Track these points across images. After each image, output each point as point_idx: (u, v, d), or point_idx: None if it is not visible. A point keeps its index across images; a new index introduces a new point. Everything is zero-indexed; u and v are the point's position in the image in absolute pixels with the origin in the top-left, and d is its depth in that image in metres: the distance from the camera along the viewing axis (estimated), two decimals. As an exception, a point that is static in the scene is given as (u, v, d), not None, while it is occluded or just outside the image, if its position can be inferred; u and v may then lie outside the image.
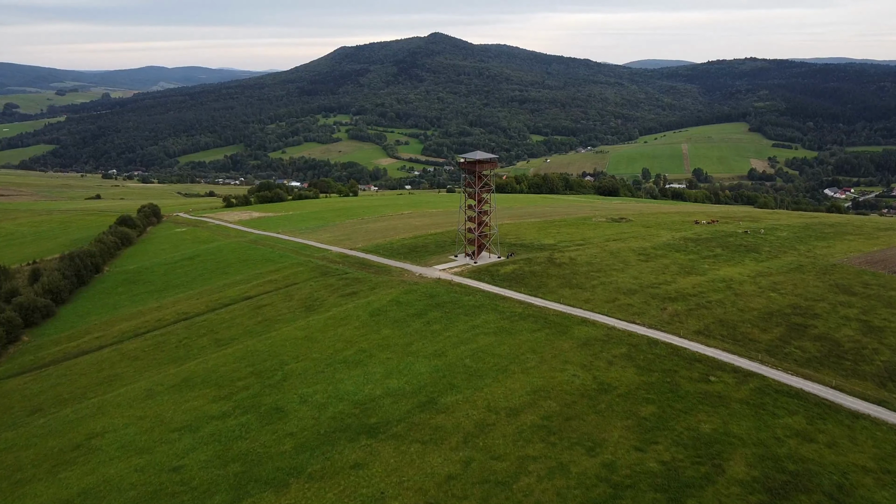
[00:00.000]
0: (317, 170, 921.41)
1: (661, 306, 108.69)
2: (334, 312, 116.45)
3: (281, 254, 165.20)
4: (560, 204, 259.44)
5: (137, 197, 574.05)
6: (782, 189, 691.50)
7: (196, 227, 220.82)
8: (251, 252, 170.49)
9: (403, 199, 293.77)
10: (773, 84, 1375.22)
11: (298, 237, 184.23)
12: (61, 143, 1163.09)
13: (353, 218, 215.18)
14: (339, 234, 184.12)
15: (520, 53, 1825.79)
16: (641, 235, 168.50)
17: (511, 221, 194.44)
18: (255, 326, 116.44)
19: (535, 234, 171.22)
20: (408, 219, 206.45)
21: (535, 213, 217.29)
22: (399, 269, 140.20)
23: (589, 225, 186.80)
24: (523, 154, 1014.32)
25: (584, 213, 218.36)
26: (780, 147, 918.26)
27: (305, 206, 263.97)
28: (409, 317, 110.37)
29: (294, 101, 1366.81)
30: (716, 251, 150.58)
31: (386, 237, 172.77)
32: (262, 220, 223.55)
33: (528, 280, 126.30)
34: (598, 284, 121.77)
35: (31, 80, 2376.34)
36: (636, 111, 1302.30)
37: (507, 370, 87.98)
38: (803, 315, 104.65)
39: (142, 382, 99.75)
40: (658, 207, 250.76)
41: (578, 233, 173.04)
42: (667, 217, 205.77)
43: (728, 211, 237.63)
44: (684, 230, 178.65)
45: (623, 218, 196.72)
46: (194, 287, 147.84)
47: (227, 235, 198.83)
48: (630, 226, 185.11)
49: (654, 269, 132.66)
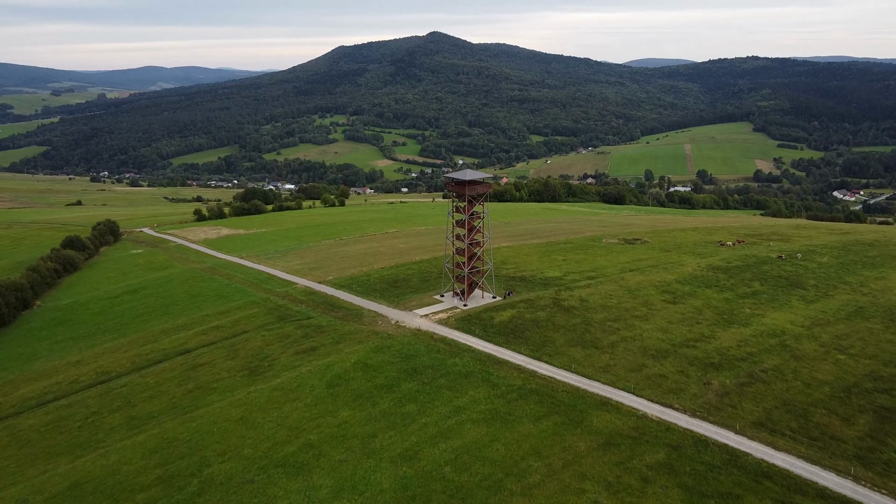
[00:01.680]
0: (312, 172, 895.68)
1: (703, 379, 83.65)
2: (284, 379, 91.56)
3: (237, 288, 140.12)
4: (564, 217, 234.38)
5: (121, 203, 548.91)
6: (790, 191, 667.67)
7: (155, 247, 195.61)
8: (204, 285, 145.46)
9: (392, 211, 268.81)
10: (776, 83, 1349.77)
11: (264, 264, 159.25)
12: (53, 144, 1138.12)
13: (330, 238, 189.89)
14: (310, 260, 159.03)
15: (519, 52, 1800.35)
16: (662, 263, 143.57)
17: (509, 244, 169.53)
18: (182, 398, 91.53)
19: (537, 263, 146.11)
20: (392, 240, 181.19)
21: (536, 231, 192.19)
22: (372, 314, 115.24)
23: (599, 249, 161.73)
24: (523, 155, 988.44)
25: (592, 230, 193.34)
26: (785, 147, 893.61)
27: (283, 220, 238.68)
28: (376, 389, 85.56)
29: (290, 101, 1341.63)
30: (753, 286, 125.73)
31: (363, 266, 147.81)
32: (229, 240, 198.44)
33: (529, 333, 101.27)
34: (618, 341, 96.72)
35: (29, 81, 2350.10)
36: (637, 111, 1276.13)
37: (502, 489, 63.21)
38: (889, 391, 79.89)
39: (16, 488, 74.90)
40: (673, 221, 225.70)
41: (588, 260, 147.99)
42: (686, 236, 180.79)
43: (751, 226, 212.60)
44: (710, 254, 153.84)
45: (638, 239, 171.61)
46: (127, 333, 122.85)
47: (185, 259, 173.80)
48: (647, 249, 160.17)
49: (686, 315, 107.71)
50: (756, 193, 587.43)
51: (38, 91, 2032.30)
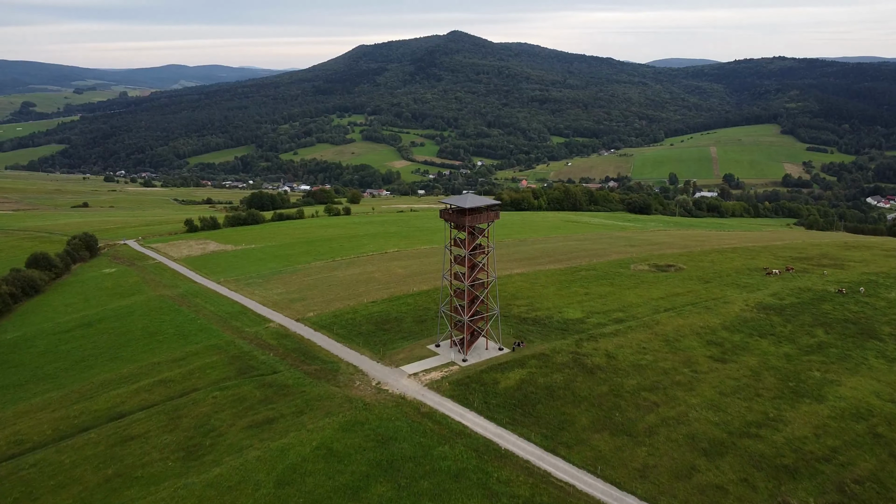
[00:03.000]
0: (328, 172, 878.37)
1: (776, 496, 61.71)
2: (225, 469, 70.92)
3: (203, 325, 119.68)
4: (586, 233, 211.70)
5: (128, 205, 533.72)
6: (821, 197, 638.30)
7: (131, 265, 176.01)
8: (167, 319, 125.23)
9: (397, 223, 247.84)
10: (804, 84, 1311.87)
11: (241, 292, 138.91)
12: (71, 143, 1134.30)
13: (322, 259, 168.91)
14: (294, 288, 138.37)
15: (541, 52, 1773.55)
16: (702, 300, 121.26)
17: (522, 270, 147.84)
18: (95, 490, 71.26)
19: (554, 298, 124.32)
20: (390, 262, 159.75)
21: (555, 252, 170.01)
22: (351, 370, 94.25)
23: (627, 278, 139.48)
24: (543, 157, 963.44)
25: (618, 251, 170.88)
26: (814, 151, 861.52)
27: (278, 233, 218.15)
28: (337, 494, 64.65)
29: (309, 100, 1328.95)
30: (817, 334, 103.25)
31: (352, 298, 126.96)
32: (213, 258, 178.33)
33: (542, 407, 79.72)
34: (657, 424, 74.85)
35: (54, 79, 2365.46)
36: (661, 112, 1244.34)
37: None
38: None
39: None
40: (707, 238, 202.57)
41: (615, 295, 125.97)
42: (725, 260, 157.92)
43: (795, 245, 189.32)
44: (756, 286, 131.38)
45: (671, 266, 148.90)
46: (64, 384, 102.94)
47: (158, 283, 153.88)
48: (682, 279, 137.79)
49: (740, 381, 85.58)
50: (786, 200, 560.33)
51: (62, 89, 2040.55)
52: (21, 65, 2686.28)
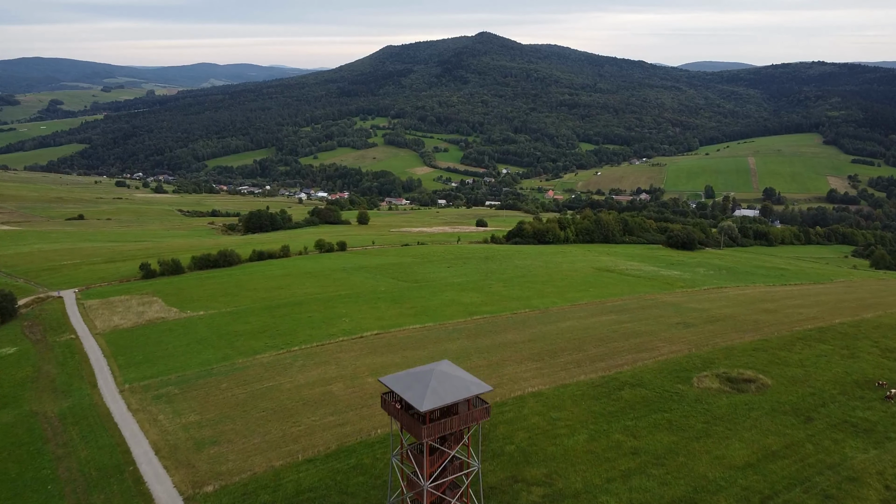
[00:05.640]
0: (347, 178, 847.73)
1: None
2: None
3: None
4: (626, 295, 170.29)
5: (130, 216, 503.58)
6: (871, 216, 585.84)
7: (38, 343, 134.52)
8: (11, 473, 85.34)
9: (399, 268, 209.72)
10: (845, 90, 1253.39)
11: (141, 414, 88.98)
12: (92, 143, 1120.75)
13: (277, 344, 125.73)
14: (215, 411, 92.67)
15: (570, 54, 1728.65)
16: (814, 470, 79.02)
17: (539, 385, 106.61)
18: None
19: (585, 461, 75.26)
20: (362, 359, 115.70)
21: (585, 340, 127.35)
22: None
23: (691, 410, 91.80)
24: (571, 165, 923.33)
25: (670, 335, 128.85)
26: (860, 163, 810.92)
27: (244, 286, 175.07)
28: None
29: (333, 101, 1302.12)
30: None
31: (285, 445, 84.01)
32: (144, 332, 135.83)
33: None
34: None
35: (86, 76, 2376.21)
36: (695, 118, 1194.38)
37: None
38: None
39: None
40: (779, 307, 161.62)
41: (679, 456, 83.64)
42: (820, 362, 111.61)
43: (892, 314, 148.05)
44: (884, 431, 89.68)
45: (750, 380, 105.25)
46: None
47: (47, 385, 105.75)
48: (771, 412, 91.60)
49: None
50: (835, 221, 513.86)
51: (92, 86, 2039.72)
52: (56, 62, 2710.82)
